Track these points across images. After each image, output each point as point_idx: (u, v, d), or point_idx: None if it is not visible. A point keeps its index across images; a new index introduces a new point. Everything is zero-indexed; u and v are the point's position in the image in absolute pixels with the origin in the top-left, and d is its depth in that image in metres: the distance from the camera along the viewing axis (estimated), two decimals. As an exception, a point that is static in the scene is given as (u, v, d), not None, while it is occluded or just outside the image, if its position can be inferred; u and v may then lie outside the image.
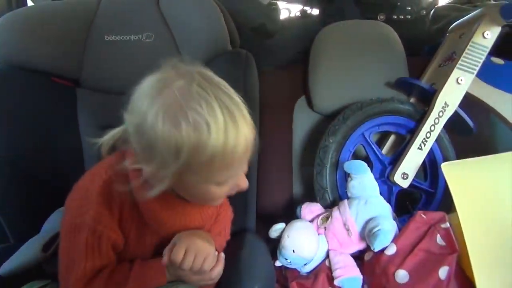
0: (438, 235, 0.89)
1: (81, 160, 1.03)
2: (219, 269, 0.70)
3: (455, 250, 0.85)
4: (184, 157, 0.55)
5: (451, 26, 1.31)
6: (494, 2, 1.25)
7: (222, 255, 0.72)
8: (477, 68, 1.13)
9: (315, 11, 1.59)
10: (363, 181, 1.04)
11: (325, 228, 1.02)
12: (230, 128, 0.56)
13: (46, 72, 1.02)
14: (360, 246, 1.00)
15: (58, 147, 1.00)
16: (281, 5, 1.54)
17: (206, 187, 0.62)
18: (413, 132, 1.15)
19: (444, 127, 1.14)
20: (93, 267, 0.63)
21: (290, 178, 1.28)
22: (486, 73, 1.15)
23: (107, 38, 1.06)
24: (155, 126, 0.55)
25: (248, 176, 0.91)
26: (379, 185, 1.07)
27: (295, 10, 1.66)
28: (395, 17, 1.41)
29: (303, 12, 1.62)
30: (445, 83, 1.13)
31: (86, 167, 1.03)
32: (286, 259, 0.98)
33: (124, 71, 1.07)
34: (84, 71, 1.05)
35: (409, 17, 1.42)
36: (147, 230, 0.69)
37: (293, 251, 0.97)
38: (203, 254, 0.66)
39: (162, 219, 0.68)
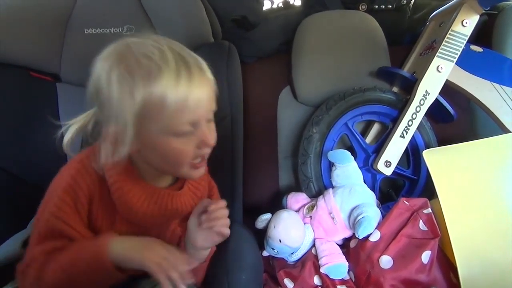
0: (421, 221, 0.91)
1: (64, 157, 1.02)
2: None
3: (437, 234, 0.87)
4: (138, 102, 0.58)
5: (432, 15, 1.33)
6: (472, -9, 1.27)
7: None
8: (457, 56, 1.14)
9: (298, 2, 1.59)
10: (347, 170, 1.06)
11: (310, 217, 1.03)
12: (182, 74, 0.59)
13: (24, 66, 1.00)
14: (345, 233, 1.01)
15: (38, 144, 0.98)
16: (264, -4, 1.54)
17: (167, 141, 0.62)
18: (396, 120, 1.17)
19: (425, 114, 1.16)
20: (43, 251, 0.63)
21: (276, 169, 1.28)
22: (465, 61, 1.17)
23: (86, 31, 1.05)
24: (110, 78, 0.58)
25: (234, 167, 0.92)
26: (363, 173, 1.09)
27: (278, 1, 1.66)
28: (376, 7, 1.42)
29: (286, 3, 1.61)
30: (425, 71, 1.14)
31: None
32: (273, 248, 0.99)
33: (105, 65, 1.05)
34: (64, 66, 1.04)
35: (390, 6, 1.43)
36: (118, 218, 0.69)
37: (280, 240, 0.98)
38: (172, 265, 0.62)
39: (132, 204, 0.67)
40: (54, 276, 0.61)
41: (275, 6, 1.62)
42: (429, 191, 1.14)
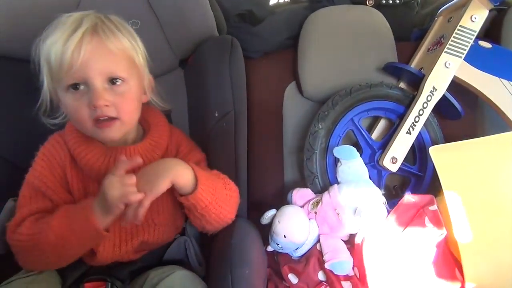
0: (426, 218, 0.90)
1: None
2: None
3: (443, 231, 0.87)
4: (41, 58, 0.73)
5: (440, 10, 1.31)
6: (482, -14, 1.25)
7: None
8: (465, 52, 1.13)
9: (305, -3, 1.58)
10: (353, 166, 1.05)
11: (315, 213, 1.03)
12: (66, 33, 0.69)
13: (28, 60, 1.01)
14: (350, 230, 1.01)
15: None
16: (270, -9, 1.53)
17: (64, 96, 0.73)
18: (402, 116, 1.16)
19: (432, 111, 1.15)
20: (29, 211, 0.73)
21: (281, 164, 1.28)
22: (474, 57, 1.15)
23: (92, 25, 1.04)
24: None
25: (237, 162, 0.91)
26: (368, 170, 1.08)
27: (285, -5, 1.65)
28: (384, 1, 1.40)
29: (292, -3, 1.60)
30: (433, 67, 1.13)
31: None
32: (278, 244, 0.99)
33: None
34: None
35: (398, 1, 1.41)
36: (90, 181, 0.78)
37: (284, 236, 0.97)
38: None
39: (91, 164, 0.76)
40: (47, 239, 0.67)
41: (281, 0, 1.61)
42: (435, 188, 1.12)
